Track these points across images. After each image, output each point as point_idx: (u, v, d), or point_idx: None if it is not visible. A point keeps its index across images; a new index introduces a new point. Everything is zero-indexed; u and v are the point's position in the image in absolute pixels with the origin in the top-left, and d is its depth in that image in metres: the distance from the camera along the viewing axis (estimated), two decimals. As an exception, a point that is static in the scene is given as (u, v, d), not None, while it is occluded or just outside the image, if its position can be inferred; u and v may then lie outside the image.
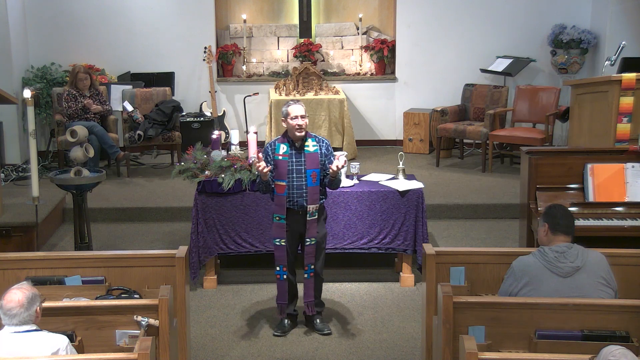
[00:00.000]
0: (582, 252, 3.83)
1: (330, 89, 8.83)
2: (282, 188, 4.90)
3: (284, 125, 5.01)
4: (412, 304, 5.53)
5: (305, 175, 4.90)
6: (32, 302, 3.38)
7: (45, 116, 8.72)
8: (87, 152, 5.81)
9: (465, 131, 8.38)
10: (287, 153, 4.92)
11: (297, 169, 4.91)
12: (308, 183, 4.89)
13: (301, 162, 4.91)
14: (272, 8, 9.56)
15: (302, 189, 4.90)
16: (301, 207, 4.93)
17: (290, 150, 4.93)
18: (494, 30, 9.19)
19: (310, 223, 4.95)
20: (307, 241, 4.98)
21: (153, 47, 9.22)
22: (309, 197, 4.91)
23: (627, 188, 5.33)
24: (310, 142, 4.95)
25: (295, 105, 4.93)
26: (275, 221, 4.97)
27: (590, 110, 6.24)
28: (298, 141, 4.93)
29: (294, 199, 4.92)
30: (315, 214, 4.94)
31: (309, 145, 4.94)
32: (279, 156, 4.91)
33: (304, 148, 4.93)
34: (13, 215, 6.41)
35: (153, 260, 4.32)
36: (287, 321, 5.15)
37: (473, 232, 6.84)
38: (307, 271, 5.04)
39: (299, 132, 4.90)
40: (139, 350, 3.24)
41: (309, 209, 4.91)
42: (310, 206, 4.91)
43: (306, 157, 4.91)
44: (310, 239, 4.98)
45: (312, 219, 4.94)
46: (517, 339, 3.70)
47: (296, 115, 4.88)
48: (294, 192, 4.91)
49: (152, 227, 7.02)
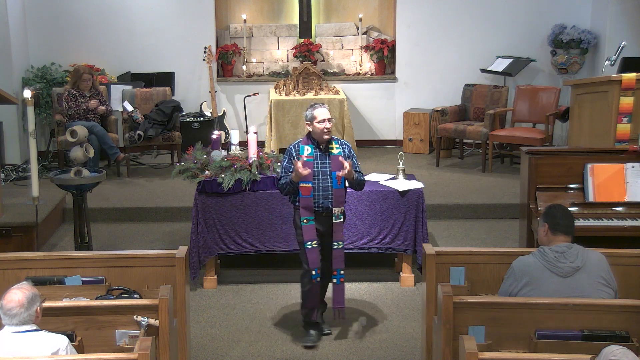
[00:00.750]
0: (582, 252, 3.83)
1: (330, 89, 8.83)
2: (308, 190, 4.82)
3: (308, 129, 4.90)
4: (412, 304, 5.53)
5: (330, 177, 4.84)
6: (32, 302, 3.38)
7: (45, 116, 8.72)
8: (87, 152, 5.81)
9: (465, 131, 8.38)
10: (312, 154, 4.85)
11: (323, 170, 4.84)
12: (334, 185, 4.83)
13: (326, 164, 4.85)
14: (272, 8, 9.56)
15: (328, 190, 4.83)
16: (326, 209, 4.85)
17: (315, 152, 4.86)
18: (494, 30, 9.19)
19: (336, 226, 4.87)
20: (335, 245, 4.89)
21: (153, 47, 9.22)
22: (334, 199, 4.83)
23: (627, 188, 5.34)
24: (334, 145, 4.89)
25: (320, 108, 4.85)
26: (303, 224, 4.84)
27: (590, 110, 6.24)
28: (324, 143, 4.87)
29: (319, 201, 4.84)
30: (341, 216, 4.87)
31: (333, 148, 4.89)
32: (304, 157, 4.83)
33: (329, 150, 4.88)
34: (13, 215, 6.41)
35: (153, 260, 4.32)
36: (313, 331, 5.02)
37: (473, 232, 6.84)
38: (337, 276, 4.94)
39: (327, 135, 4.84)
40: (139, 350, 3.24)
41: (335, 211, 4.84)
42: (336, 208, 4.84)
43: (331, 160, 4.86)
44: (337, 242, 4.89)
45: (338, 221, 4.86)
46: (517, 339, 3.70)
47: (323, 118, 4.80)
48: (319, 194, 4.83)
49: (152, 227, 7.02)
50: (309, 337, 4.99)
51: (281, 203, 5.74)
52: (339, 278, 4.94)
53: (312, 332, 5.01)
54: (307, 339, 4.99)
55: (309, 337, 5.00)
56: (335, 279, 4.94)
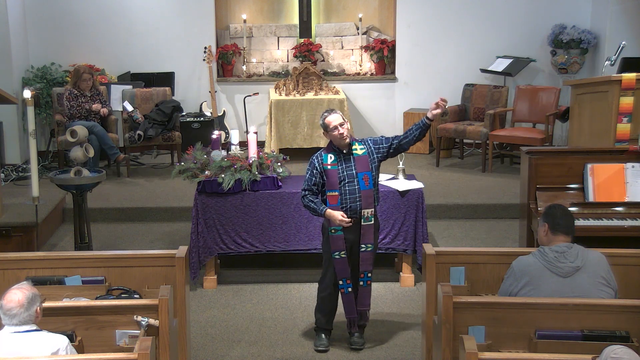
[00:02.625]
0: (582, 252, 3.83)
1: (330, 89, 8.83)
2: (335, 198, 4.75)
3: (326, 138, 4.87)
4: (412, 304, 5.53)
5: (357, 179, 4.76)
6: (32, 303, 3.38)
7: (45, 116, 8.72)
8: (87, 152, 5.81)
9: (465, 131, 8.38)
10: (335, 161, 4.78)
11: (349, 174, 4.76)
12: (361, 187, 4.74)
13: (351, 167, 4.77)
14: (272, 8, 9.56)
15: (355, 193, 4.75)
16: (355, 212, 4.76)
17: (337, 158, 4.79)
18: (494, 30, 9.19)
19: (365, 228, 4.77)
20: (363, 247, 4.79)
21: (153, 47, 9.22)
22: (363, 201, 4.75)
23: (627, 188, 5.33)
24: (358, 146, 4.80)
25: (331, 115, 4.79)
26: (331, 234, 4.76)
27: (590, 110, 6.23)
28: (345, 148, 4.80)
29: (347, 205, 4.75)
30: (371, 218, 4.78)
31: (356, 149, 4.79)
32: (328, 166, 4.77)
33: (352, 152, 4.79)
34: (13, 215, 6.41)
35: (153, 260, 4.32)
36: (324, 336, 4.96)
37: (473, 232, 6.84)
38: (364, 279, 4.84)
39: (344, 139, 4.76)
40: (139, 350, 3.24)
41: (364, 213, 4.76)
42: (365, 210, 4.76)
43: (355, 161, 4.77)
44: (366, 244, 4.79)
45: (367, 224, 4.77)
46: (517, 339, 3.70)
47: (335, 125, 4.74)
48: (347, 198, 4.74)
49: (152, 227, 7.02)
50: (321, 342, 4.92)
51: (281, 203, 5.74)
52: (365, 280, 4.86)
53: (324, 337, 4.95)
54: (318, 343, 4.92)
55: (321, 341, 4.93)
56: (362, 281, 4.87)
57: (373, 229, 4.83)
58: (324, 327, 4.96)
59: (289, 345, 4.99)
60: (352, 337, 4.96)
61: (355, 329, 4.93)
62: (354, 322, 4.92)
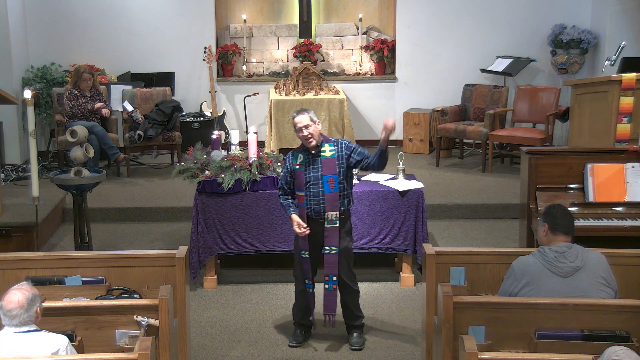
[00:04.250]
0: (582, 252, 3.83)
1: (330, 89, 8.83)
2: (302, 198, 4.77)
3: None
4: (412, 304, 5.53)
5: (322, 181, 4.73)
6: (32, 303, 3.38)
7: (45, 116, 8.73)
8: (87, 152, 5.81)
9: (465, 131, 8.38)
10: (304, 162, 4.77)
11: (314, 175, 4.75)
12: (325, 189, 4.72)
13: (317, 169, 4.75)
14: (272, 8, 9.56)
15: (319, 195, 4.74)
16: (319, 214, 4.76)
17: (306, 158, 4.78)
18: (494, 30, 9.19)
19: (329, 231, 4.76)
20: (327, 249, 4.79)
21: (153, 47, 9.22)
22: (327, 204, 4.74)
23: (627, 188, 5.33)
24: (328, 147, 4.76)
25: (298, 115, 4.75)
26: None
27: (590, 110, 6.23)
28: (313, 149, 4.78)
29: (312, 207, 4.76)
30: (336, 221, 4.76)
31: (325, 151, 4.75)
32: (296, 166, 4.78)
33: (320, 154, 4.76)
34: (13, 215, 6.41)
35: (153, 260, 4.32)
36: (301, 331, 5.00)
37: (473, 232, 6.84)
38: (329, 282, 4.84)
39: (308, 142, 4.75)
40: (139, 350, 3.24)
41: (328, 215, 4.75)
42: (329, 213, 4.75)
43: (322, 163, 4.75)
44: (330, 247, 4.79)
45: (331, 226, 4.76)
46: (517, 339, 3.70)
47: (301, 127, 4.72)
48: (311, 200, 4.75)
49: (152, 227, 7.02)
50: (295, 337, 4.99)
51: (281, 203, 5.74)
52: (330, 284, 4.85)
53: (298, 332, 5.01)
54: (291, 339, 5.00)
55: (295, 337, 5.00)
56: (326, 284, 4.87)
57: (338, 232, 4.79)
58: (299, 321, 5.00)
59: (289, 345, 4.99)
60: (351, 337, 4.96)
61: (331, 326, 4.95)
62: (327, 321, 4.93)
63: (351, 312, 4.98)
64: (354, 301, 4.96)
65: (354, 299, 4.96)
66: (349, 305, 4.96)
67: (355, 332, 4.98)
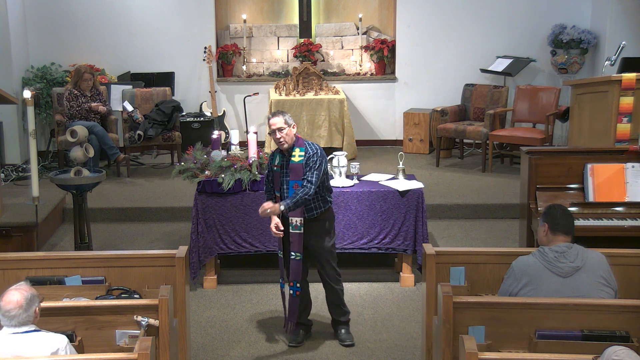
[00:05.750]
0: (582, 252, 3.83)
1: (330, 89, 8.83)
2: (278, 199, 4.78)
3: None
4: (412, 304, 5.53)
5: (288, 186, 4.71)
6: (30, 303, 3.38)
7: (45, 116, 8.73)
8: (87, 152, 5.81)
9: (465, 131, 8.38)
10: (280, 164, 4.78)
11: (286, 179, 4.75)
12: (289, 194, 4.67)
13: (287, 173, 4.74)
14: (272, 8, 9.56)
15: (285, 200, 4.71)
16: (285, 218, 4.73)
17: (281, 161, 4.78)
18: (494, 30, 9.19)
19: (293, 236, 4.71)
20: (292, 255, 4.74)
21: (153, 47, 9.22)
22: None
23: (627, 188, 5.33)
24: (297, 152, 4.72)
25: (273, 117, 4.71)
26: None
27: (590, 110, 6.24)
28: (285, 152, 4.77)
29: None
30: (301, 227, 4.71)
31: (295, 156, 4.71)
32: (274, 167, 4.80)
33: (291, 158, 4.75)
34: (13, 215, 6.41)
35: (153, 260, 4.32)
36: (301, 331, 4.99)
37: (473, 232, 6.84)
38: (293, 288, 4.79)
39: (281, 144, 4.72)
40: (139, 350, 3.24)
41: (292, 221, 4.71)
42: (293, 218, 4.71)
43: (290, 169, 4.73)
44: (295, 252, 4.73)
45: (295, 232, 4.71)
46: (517, 339, 3.70)
47: (274, 129, 4.70)
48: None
49: (152, 227, 7.02)
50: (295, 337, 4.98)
51: (281, 203, 5.74)
52: (294, 290, 4.80)
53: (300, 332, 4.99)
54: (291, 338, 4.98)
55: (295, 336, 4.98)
56: (291, 290, 4.81)
57: (301, 238, 4.73)
58: (299, 321, 4.98)
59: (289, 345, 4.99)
60: (339, 334, 4.99)
61: (291, 333, 4.93)
62: (288, 326, 4.90)
63: (337, 308, 4.99)
64: (338, 298, 4.97)
65: (339, 296, 4.97)
66: (334, 302, 4.98)
67: (342, 328, 5.00)
